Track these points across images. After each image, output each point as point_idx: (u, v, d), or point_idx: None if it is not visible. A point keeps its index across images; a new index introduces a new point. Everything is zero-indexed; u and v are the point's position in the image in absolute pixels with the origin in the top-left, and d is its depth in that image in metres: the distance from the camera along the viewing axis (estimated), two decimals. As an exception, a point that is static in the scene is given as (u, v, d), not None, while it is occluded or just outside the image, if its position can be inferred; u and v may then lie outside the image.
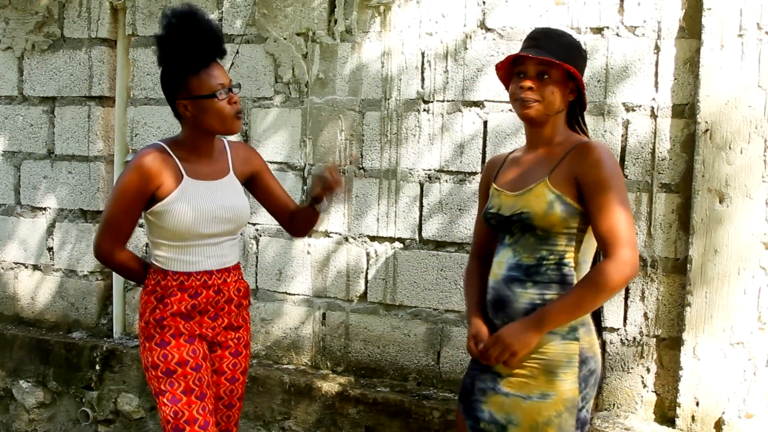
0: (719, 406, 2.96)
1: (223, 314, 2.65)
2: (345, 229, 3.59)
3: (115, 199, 2.55)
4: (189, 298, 2.58)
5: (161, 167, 2.52)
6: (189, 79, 2.50)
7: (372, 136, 3.51)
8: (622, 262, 2.14)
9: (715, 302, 2.94)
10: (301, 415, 3.54)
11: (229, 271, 2.67)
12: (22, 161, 4.30)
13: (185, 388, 2.51)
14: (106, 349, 3.98)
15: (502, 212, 2.34)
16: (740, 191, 2.89)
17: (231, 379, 2.71)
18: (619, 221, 2.16)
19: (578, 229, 2.25)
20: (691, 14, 2.97)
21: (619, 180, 2.22)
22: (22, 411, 4.20)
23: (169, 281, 2.58)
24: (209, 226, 2.57)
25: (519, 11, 3.21)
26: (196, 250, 2.59)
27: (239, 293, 2.70)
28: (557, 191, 2.23)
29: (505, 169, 2.45)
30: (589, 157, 2.21)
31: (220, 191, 2.61)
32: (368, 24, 3.49)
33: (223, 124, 2.54)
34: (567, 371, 2.22)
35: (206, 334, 2.62)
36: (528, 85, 2.25)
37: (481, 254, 2.53)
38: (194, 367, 2.54)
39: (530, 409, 2.22)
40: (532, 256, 2.27)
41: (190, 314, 2.58)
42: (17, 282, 4.37)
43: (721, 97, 2.89)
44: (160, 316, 2.56)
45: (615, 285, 2.15)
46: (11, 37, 4.26)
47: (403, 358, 3.52)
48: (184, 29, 2.49)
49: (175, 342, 2.55)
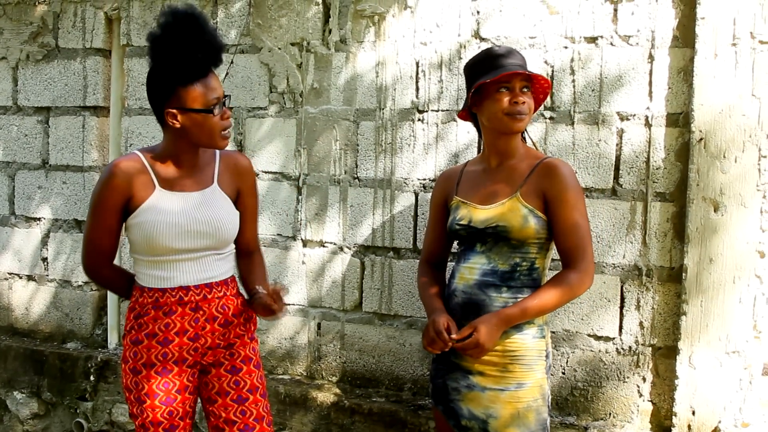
0: (715, 415, 2.96)
1: (204, 333, 2.49)
2: (340, 239, 3.58)
3: (90, 215, 2.47)
4: (163, 316, 2.45)
5: (131, 178, 2.40)
6: (183, 89, 2.33)
7: (367, 145, 3.51)
8: (588, 274, 2.45)
9: (711, 311, 2.94)
10: (296, 425, 3.53)
11: (211, 287, 2.50)
12: (16, 171, 4.29)
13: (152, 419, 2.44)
14: (101, 360, 3.96)
15: (474, 224, 2.53)
16: (735, 200, 2.89)
17: (237, 399, 2.54)
18: (584, 236, 2.45)
19: (546, 238, 2.50)
20: (684, 23, 2.98)
21: (582, 196, 2.50)
22: (16, 422, 4.18)
23: (145, 298, 2.47)
24: (182, 240, 2.42)
25: (513, 21, 3.21)
26: (170, 266, 2.46)
27: (225, 311, 2.52)
28: (529, 206, 2.46)
29: (465, 181, 2.66)
30: (555, 176, 2.46)
31: (198, 204, 2.46)
32: (363, 34, 3.49)
33: (212, 140, 2.40)
34: (538, 364, 2.48)
35: (185, 358, 2.48)
36: (523, 99, 2.47)
37: (432, 260, 2.79)
38: (163, 402, 2.45)
39: (510, 398, 2.45)
40: (506, 263, 2.49)
41: (167, 336, 2.45)
42: (11, 292, 4.35)
43: (716, 106, 2.89)
44: (135, 337, 2.47)
45: (579, 293, 2.46)
46: (6, 47, 4.26)
47: (399, 368, 3.51)
48: (184, 33, 2.30)
49: (145, 372, 2.45)
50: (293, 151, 3.65)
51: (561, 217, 2.44)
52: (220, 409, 2.56)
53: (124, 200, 2.41)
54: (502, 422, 2.44)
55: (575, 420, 3.19)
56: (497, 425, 2.45)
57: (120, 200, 2.41)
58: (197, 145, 2.45)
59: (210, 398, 2.59)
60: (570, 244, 2.45)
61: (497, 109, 2.48)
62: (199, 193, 2.48)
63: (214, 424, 2.59)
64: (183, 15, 2.32)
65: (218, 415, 2.57)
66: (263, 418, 2.58)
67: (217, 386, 2.56)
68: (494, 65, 2.50)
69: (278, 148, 3.68)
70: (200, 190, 2.49)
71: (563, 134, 3.16)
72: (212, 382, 2.57)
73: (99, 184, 2.44)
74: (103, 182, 2.42)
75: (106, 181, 2.41)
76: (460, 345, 2.41)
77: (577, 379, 3.20)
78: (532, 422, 2.45)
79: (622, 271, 3.11)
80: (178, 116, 2.36)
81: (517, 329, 2.46)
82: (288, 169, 3.67)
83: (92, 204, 2.46)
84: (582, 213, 2.46)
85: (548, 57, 3.17)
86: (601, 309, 3.15)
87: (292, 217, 3.67)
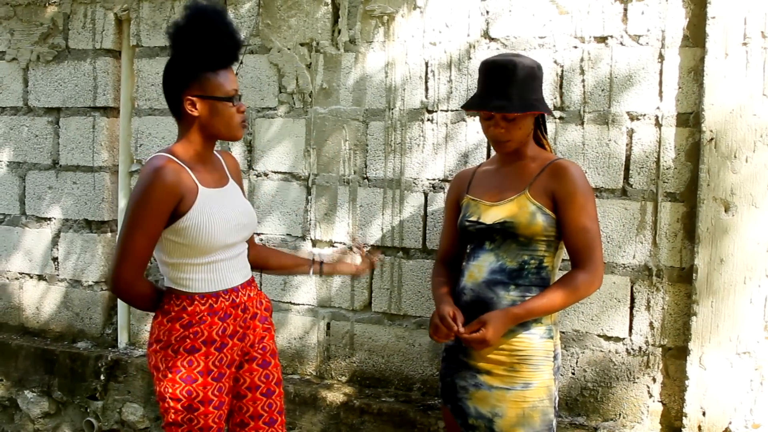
0: (726, 416, 2.95)
1: (249, 332, 2.53)
2: (349, 239, 3.58)
3: (137, 223, 2.29)
4: (219, 321, 2.42)
5: (180, 179, 2.31)
6: (205, 76, 2.34)
7: (376, 146, 3.51)
8: (596, 276, 2.46)
9: (722, 312, 2.93)
10: (306, 425, 3.53)
11: (250, 284, 2.56)
12: (27, 172, 4.31)
13: (203, 425, 2.40)
14: (111, 359, 3.98)
15: (482, 221, 2.55)
16: (746, 200, 2.88)
17: (267, 392, 2.57)
18: (594, 238, 2.46)
19: (555, 236, 2.51)
20: (695, 23, 2.97)
21: (591, 197, 2.50)
22: (27, 421, 4.21)
23: (196, 306, 2.39)
24: (234, 234, 2.44)
25: (523, 21, 3.21)
26: (221, 266, 2.44)
27: (261, 306, 2.60)
28: (538, 203, 2.48)
29: (477, 181, 2.68)
30: (565, 177, 2.47)
31: (231, 197, 2.49)
32: (372, 34, 3.49)
33: (230, 131, 2.41)
34: (546, 364, 2.48)
35: (235, 359, 2.49)
36: (498, 130, 2.49)
37: (446, 260, 2.79)
38: (216, 407, 2.42)
39: (516, 397, 2.45)
40: (514, 260, 2.50)
41: (223, 341, 2.43)
42: (22, 292, 4.37)
43: (726, 106, 2.88)
44: (191, 346, 2.38)
45: (587, 294, 2.48)
46: (16, 48, 4.28)
47: (408, 368, 3.52)
48: (212, 23, 2.33)
49: (202, 380, 2.39)
50: (303, 152, 3.66)
51: (570, 219, 2.46)
52: (248, 404, 2.56)
53: (176, 203, 2.30)
54: (507, 421, 2.45)
55: (585, 420, 3.19)
56: (502, 424, 2.46)
57: (173, 203, 2.29)
58: (214, 137, 2.44)
59: (239, 393, 2.57)
60: (579, 246, 2.46)
61: (483, 129, 2.57)
62: (227, 188, 2.50)
63: (238, 420, 2.58)
64: (210, 8, 2.37)
65: (245, 409, 2.57)
66: (282, 411, 2.64)
67: (248, 381, 2.56)
68: (480, 89, 2.54)
69: (288, 149, 3.69)
70: (226, 185, 2.51)
71: (573, 134, 3.15)
72: (244, 376, 2.56)
73: (147, 188, 2.28)
74: (152, 185, 2.28)
75: (156, 184, 2.27)
76: (467, 338, 2.41)
77: (587, 380, 3.20)
78: (537, 422, 2.46)
79: (632, 272, 3.10)
80: (197, 104, 2.36)
81: (524, 329, 2.46)
82: (297, 169, 3.67)
83: (138, 210, 2.29)
84: (591, 214, 2.48)
85: (558, 57, 3.16)
86: (611, 309, 3.14)
87: (302, 217, 3.67)
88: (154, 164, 2.32)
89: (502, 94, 2.46)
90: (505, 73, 2.48)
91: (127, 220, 2.33)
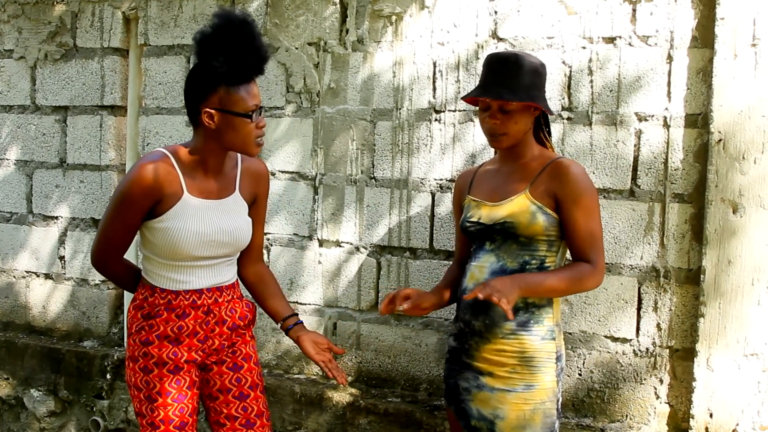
0: (733, 418, 2.94)
1: (213, 336, 2.52)
2: (356, 239, 3.59)
3: (111, 210, 2.42)
4: (176, 319, 2.46)
5: (162, 180, 2.36)
6: (226, 90, 2.32)
7: (383, 146, 3.51)
8: (599, 271, 2.45)
9: (729, 313, 2.92)
10: (312, 425, 3.53)
11: (221, 290, 2.53)
12: (34, 170, 4.31)
13: (164, 418, 2.45)
14: (117, 358, 3.98)
15: (483, 221, 2.53)
16: (754, 201, 2.87)
17: (239, 396, 2.57)
18: (597, 238, 2.45)
19: (556, 236, 2.48)
20: (704, 24, 2.96)
21: (594, 196, 2.47)
22: (33, 420, 4.21)
23: (156, 298, 2.46)
24: (204, 249, 2.44)
25: (531, 21, 3.21)
26: (186, 271, 2.46)
27: (233, 314, 2.56)
28: (538, 203, 2.45)
29: (478, 181, 2.66)
30: (566, 176, 2.44)
31: (221, 212, 2.46)
32: (380, 34, 3.49)
33: (245, 146, 2.39)
34: (548, 366, 2.46)
35: (194, 358, 2.50)
36: (493, 121, 2.47)
37: (461, 261, 2.75)
38: (175, 399, 2.46)
39: (516, 399, 2.44)
40: (515, 261, 2.47)
41: (178, 338, 2.47)
42: (29, 291, 4.38)
43: (735, 107, 2.88)
44: (145, 338, 2.46)
45: (588, 286, 2.47)
46: (24, 47, 4.29)
47: (414, 369, 3.51)
48: (239, 36, 2.29)
49: (157, 371, 2.45)
50: (310, 151, 3.66)
51: (572, 219, 2.44)
52: (221, 406, 2.59)
53: (152, 202, 2.37)
54: (508, 423, 2.44)
55: (592, 422, 3.18)
56: (503, 426, 2.45)
57: (148, 202, 2.36)
58: (228, 149, 2.43)
59: (211, 395, 2.61)
60: (582, 246, 2.45)
61: (480, 122, 2.55)
62: (223, 201, 2.48)
63: (215, 419, 2.62)
64: (238, 19, 2.33)
65: (219, 411, 2.60)
66: (263, 414, 2.62)
67: (219, 383, 2.58)
68: (481, 81, 2.53)
69: (295, 148, 3.69)
70: (223, 198, 2.48)
71: (581, 135, 3.15)
72: (214, 379, 2.58)
73: (127, 182, 2.37)
74: (132, 181, 2.36)
75: (136, 180, 2.35)
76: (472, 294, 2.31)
77: (593, 381, 3.19)
78: (538, 425, 2.45)
79: (639, 273, 3.10)
80: (215, 117, 2.34)
81: (526, 330, 2.45)
82: (305, 169, 3.68)
83: (116, 200, 2.40)
84: (594, 214, 2.46)
85: (566, 57, 3.16)
86: (618, 310, 3.13)
87: (309, 216, 3.67)
88: (144, 160, 2.39)
89: (501, 84, 2.45)
90: (506, 65, 2.48)
91: (108, 205, 2.47)
